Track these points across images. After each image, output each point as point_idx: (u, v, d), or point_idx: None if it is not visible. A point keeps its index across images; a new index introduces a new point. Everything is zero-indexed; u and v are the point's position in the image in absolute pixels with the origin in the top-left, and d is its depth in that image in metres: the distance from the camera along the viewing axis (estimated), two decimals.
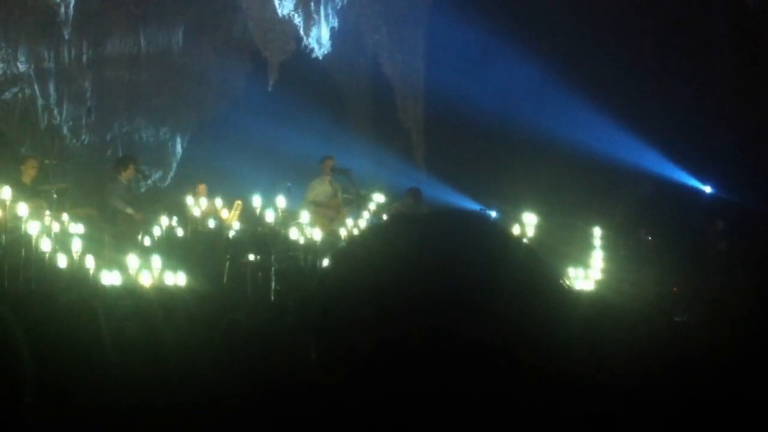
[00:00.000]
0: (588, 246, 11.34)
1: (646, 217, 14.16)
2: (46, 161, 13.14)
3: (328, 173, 13.43)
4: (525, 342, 1.15)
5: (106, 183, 13.19)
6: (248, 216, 12.10)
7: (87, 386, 4.03)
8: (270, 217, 11.04)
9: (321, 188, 13.36)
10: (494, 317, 1.14)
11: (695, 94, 15.58)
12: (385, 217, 13.04)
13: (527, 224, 10.53)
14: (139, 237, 11.24)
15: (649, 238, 13.79)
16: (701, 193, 15.76)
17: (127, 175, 12.85)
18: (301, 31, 15.21)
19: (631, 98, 15.73)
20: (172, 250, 10.78)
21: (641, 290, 9.94)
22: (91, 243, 10.18)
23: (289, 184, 13.06)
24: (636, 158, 15.55)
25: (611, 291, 9.54)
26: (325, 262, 9.88)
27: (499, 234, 1.25)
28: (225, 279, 10.53)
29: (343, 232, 11.93)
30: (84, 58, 15.42)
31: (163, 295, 8.31)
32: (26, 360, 1.68)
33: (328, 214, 12.99)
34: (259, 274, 10.57)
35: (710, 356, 4.22)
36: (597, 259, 10.96)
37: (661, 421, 3.20)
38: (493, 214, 12.38)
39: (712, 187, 15.68)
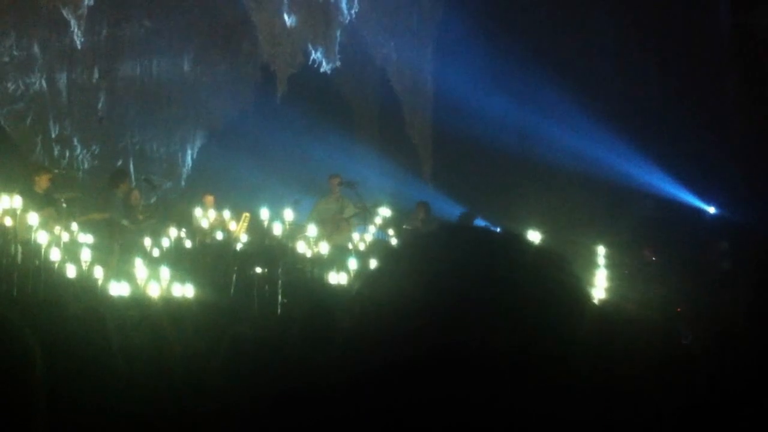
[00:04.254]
0: (592, 265, 11.32)
1: (650, 236, 14.15)
2: (56, 171, 13.22)
3: (334, 191, 13.49)
4: (569, 358, 1.17)
5: (103, 195, 13.33)
6: (256, 229, 12.15)
7: (95, 395, 4.09)
8: (277, 230, 11.10)
9: (324, 206, 13.44)
10: (538, 334, 1.16)
11: (700, 114, 15.59)
12: (390, 231, 13.09)
13: None
14: (136, 247, 11.29)
15: (653, 257, 13.78)
16: (705, 212, 15.74)
17: (122, 189, 12.98)
18: (310, 45, 15.24)
19: (636, 118, 15.76)
20: (180, 261, 10.84)
21: (645, 310, 9.91)
22: (100, 253, 10.24)
23: (296, 197, 13.12)
24: (641, 178, 15.56)
25: (615, 310, 9.52)
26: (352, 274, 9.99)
27: (541, 253, 1.25)
28: (232, 291, 10.56)
29: (349, 246, 12.02)
30: (95, 69, 15.53)
31: (171, 305, 8.35)
32: (36, 368, 1.69)
33: (327, 228, 13.00)
34: (266, 286, 10.60)
35: (714, 375, 4.24)
36: (601, 278, 10.96)
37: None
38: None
39: (716, 207, 15.66)
